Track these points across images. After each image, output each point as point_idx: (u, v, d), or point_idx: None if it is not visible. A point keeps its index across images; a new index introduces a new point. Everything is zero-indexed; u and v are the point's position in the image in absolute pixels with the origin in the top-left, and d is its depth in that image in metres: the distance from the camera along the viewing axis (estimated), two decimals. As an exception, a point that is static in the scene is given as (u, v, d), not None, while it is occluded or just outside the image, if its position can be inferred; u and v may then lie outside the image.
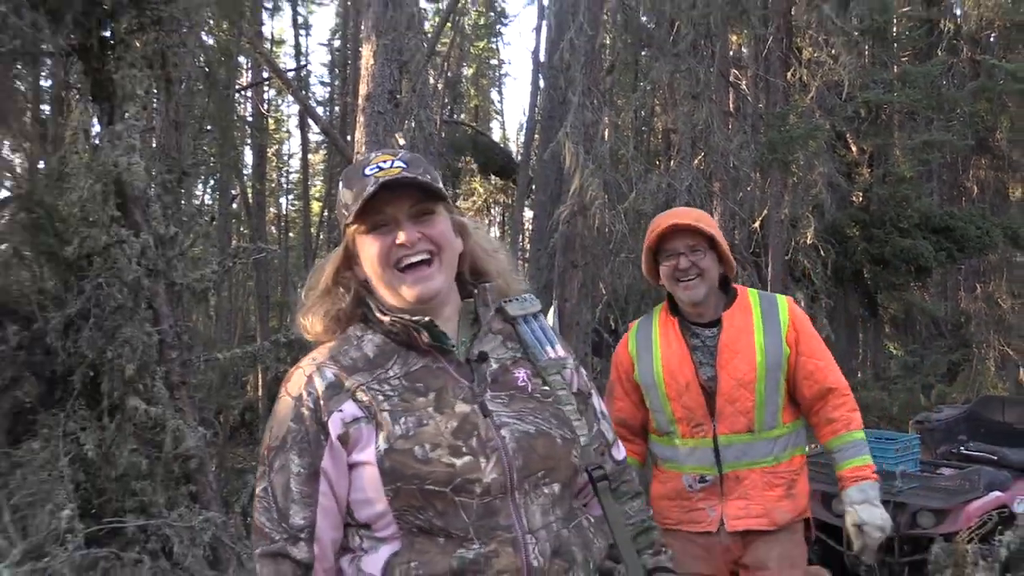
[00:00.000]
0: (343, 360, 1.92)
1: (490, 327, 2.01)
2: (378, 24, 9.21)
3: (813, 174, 14.40)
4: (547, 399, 1.94)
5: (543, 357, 2.00)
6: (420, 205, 1.91)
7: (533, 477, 1.84)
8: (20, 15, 5.25)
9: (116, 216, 5.54)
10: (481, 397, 1.89)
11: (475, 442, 1.82)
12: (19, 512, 5.00)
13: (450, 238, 1.94)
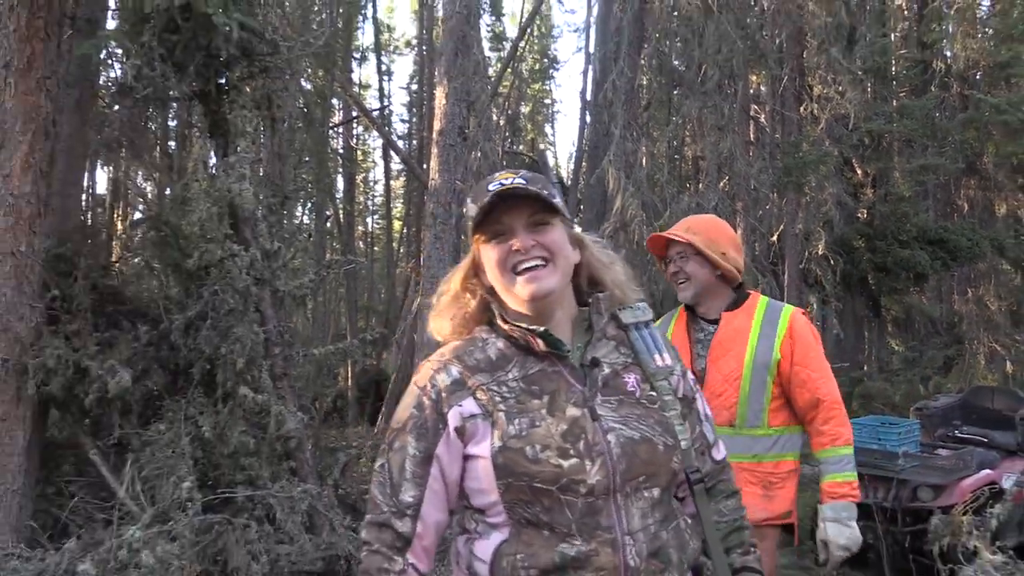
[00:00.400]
0: (468, 360, 1.85)
1: (604, 333, 1.89)
2: (449, 70, 9.25)
3: (823, 194, 14.32)
4: (653, 405, 1.82)
5: (652, 364, 1.87)
6: (536, 216, 1.82)
7: (634, 481, 1.74)
8: (152, 67, 5.32)
9: (229, 234, 5.59)
10: (591, 401, 1.78)
11: (582, 445, 1.72)
12: (148, 483, 5.05)
13: (563, 246, 1.84)
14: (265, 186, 6.49)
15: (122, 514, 5.00)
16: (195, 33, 5.33)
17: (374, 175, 31.73)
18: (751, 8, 11.66)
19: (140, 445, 5.30)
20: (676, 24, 11.12)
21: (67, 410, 5.57)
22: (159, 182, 12.62)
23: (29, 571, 4.33)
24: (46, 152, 5.40)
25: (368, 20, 22.56)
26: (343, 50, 18.31)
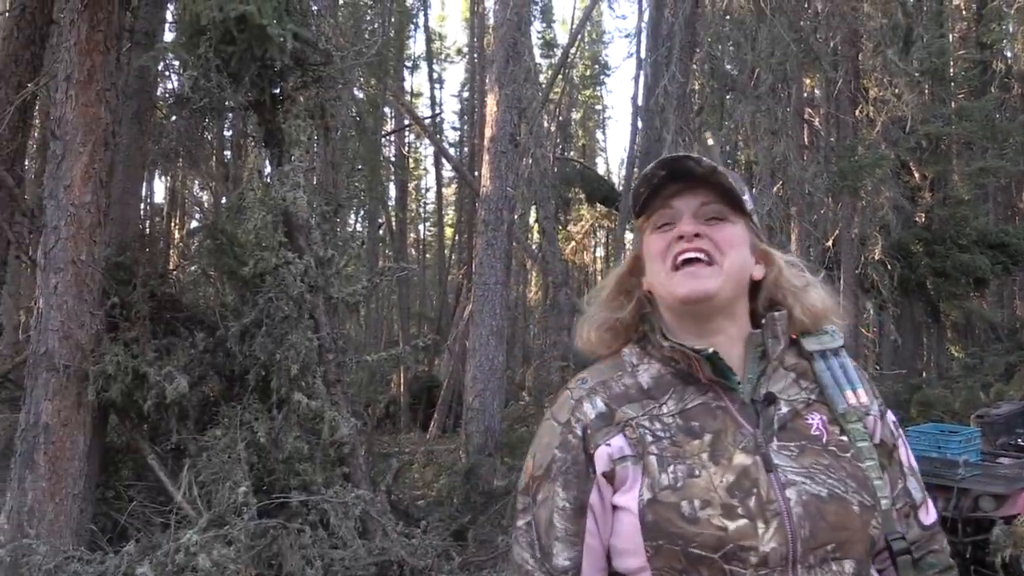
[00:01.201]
0: (615, 387, 1.49)
1: (781, 362, 1.49)
2: (500, 77, 9.27)
3: (880, 198, 14.14)
4: (845, 453, 1.40)
5: (842, 402, 1.45)
6: (712, 206, 1.47)
7: (821, 550, 1.33)
8: (209, 78, 5.37)
9: (284, 241, 5.63)
10: (765, 447, 1.39)
11: (753, 502, 1.33)
12: (205, 487, 5.10)
13: (738, 249, 1.47)
14: (319, 194, 6.54)
15: (179, 518, 5.05)
16: (250, 44, 5.38)
17: (426, 182, 31.92)
18: (804, 10, 11.54)
19: (197, 450, 5.36)
20: (728, 28, 11.03)
21: (126, 415, 5.63)
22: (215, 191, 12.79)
23: (89, 573, 4.39)
24: (106, 162, 5.48)
25: (419, 29, 22.73)
26: (395, 59, 18.43)
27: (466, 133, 25.35)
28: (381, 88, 14.55)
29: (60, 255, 5.25)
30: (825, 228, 15.04)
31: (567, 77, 22.93)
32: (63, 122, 5.36)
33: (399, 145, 24.12)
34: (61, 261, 5.24)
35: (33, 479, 5.07)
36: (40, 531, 4.90)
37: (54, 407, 5.16)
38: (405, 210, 23.84)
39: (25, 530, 4.90)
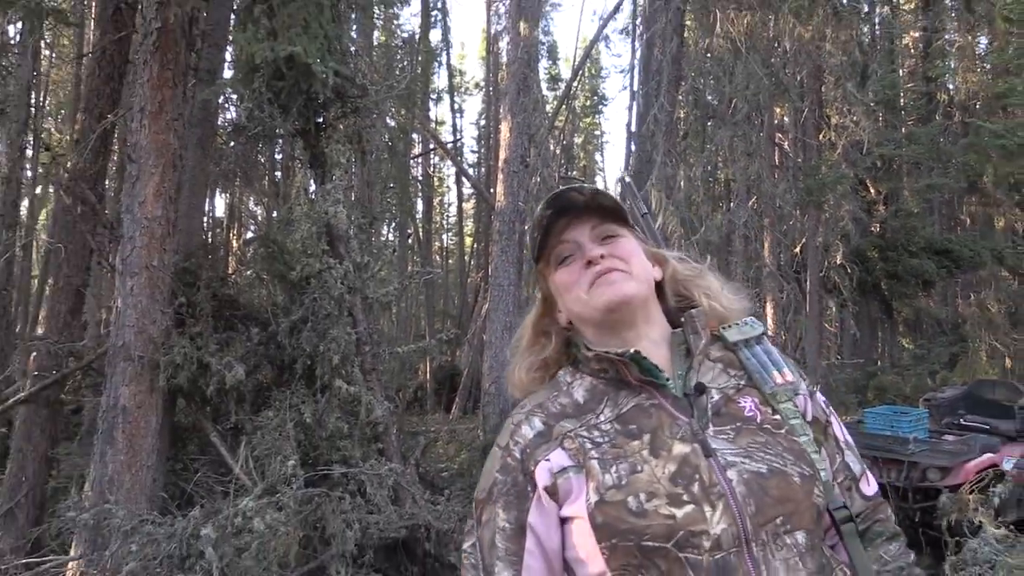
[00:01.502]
0: (551, 407, 1.36)
1: (707, 355, 1.37)
2: (512, 107, 9.27)
3: (841, 211, 14.13)
4: (779, 430, 1.28)
5: (770, 383, 1.33)
6: (600, 227, 1.38)
7: (771, 525, 1.19)
8: (262, 109, 5.39)
9: (326, 249, 5.64)
10: (702, 434, 1.26)
11: (697, 488, 1.20)
12: (259, 461, 5.11)
13: (638, 256, 1.38)
14: (356, 209, 6.55)
15: (237, 487, 5.07)
16: (297, 80, 5.39)
17: (448, 198, 31.91)
18: (775, 49, 11.50)
19: (252, 429, 5.38)
20: (709, 64, 11.00)
21: (192, 399, 5.65)
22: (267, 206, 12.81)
23: (161, 534, 4.41)
24: (174, 182, 5.50)
25: (443, 66, 22.73)
26: (421, 92, 18.43)
27: (483, 156, 25.35)
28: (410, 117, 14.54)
29: (135, 261, 5.28)
30: (793, 237, 15.04)
31: (570, 107, 22.89)
32: (138, 148, 5.39)
33: (425, 166, 24.13)
34: (136, 267, 5.27)
35: (113, 453, 5.10)
36: (119, 498, 4.93)
37: (130, 392, 5.19)
38: (430, 222, 23.86)
39: (106, 497, 4.93)
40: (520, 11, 9.61)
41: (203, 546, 4.26)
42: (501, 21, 18.17)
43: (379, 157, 11.66)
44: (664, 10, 9.80)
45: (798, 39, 10.75)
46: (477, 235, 23.92)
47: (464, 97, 29.80)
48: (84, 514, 4.80)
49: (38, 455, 6.59)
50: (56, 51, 15.37)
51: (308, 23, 5.42)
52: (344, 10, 6.14)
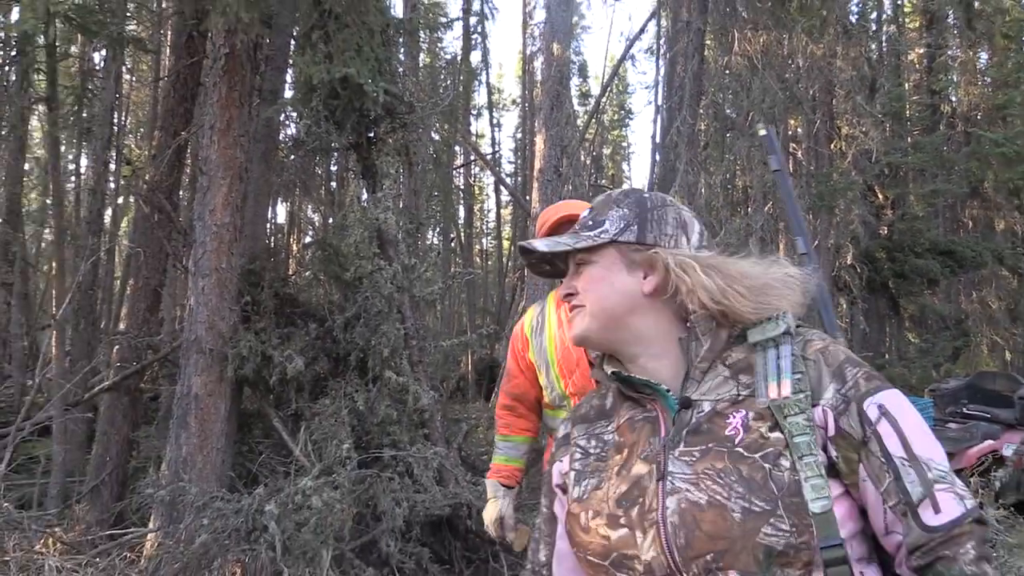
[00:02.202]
0: (582, 409, 1.32)
1: (723, 360, 1.16)
2: (547, 121, 9.25)
3: (851, 215, 13.92)
4: (754, 454, 1.04)
5: (763, 395, 1.08)
6: (576, 257, 1.26)
7: (701, 560, 1.02)
8: (319, 125, 5.41)
9: (377, 252, 5.65)
10: (664, 455, 1.11)
11: (636, 512, 1.09)
12: (317, 444, 5.14)
13: (598, 283, 1.22)
14: (404, 215, 6.56)
15: (297, 468, 5.10)
16: (351, 99, 5.41)
17: (488, 205, 31.91)
18: (789, 65, 11.34)
19: (311, 415, 5.41)
20: (728, 80, 10.88)
21: (256, 388, 5.69)
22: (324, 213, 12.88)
23: (229, 510, 4.45)
24: (240, 192, 5.55)
25: (482, 84, 22.70)
26: (463, 108, 18.46)
27: (519, 166, 25.32)
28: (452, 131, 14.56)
29: (206, 264, 5.32)
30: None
31: (599, 121, 22.80)
32: (208, 161, 5.44)
33: (466, 176, 24.15)
34: (207, 269, 5.32)
35: (186, 437, 5.16)
36: (192, 476, 4.98)
37: (202, 381, 5.24)
38: (471, 227, 23.87)
39: (180, 476, 4.99)
40: (553, 33, 9.58)
41: (267, 521, 4.28)
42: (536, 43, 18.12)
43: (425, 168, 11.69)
44: (686, 31, 9.71)
45: (811, 56, 10.60)
46: (514, 239, 23.88)
47: (502, 112, 29.81)
48: (161, 491, 4.86)
49: (120, 438, 6.69)
50: (136, 75, 15.61)
51: (360, 47, 5.44)
52: (393, 35, 6.15)
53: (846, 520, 1.04)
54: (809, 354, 1.12)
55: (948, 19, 17.18)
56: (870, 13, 16.40)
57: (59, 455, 6.53)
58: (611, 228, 1.24)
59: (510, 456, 2.84)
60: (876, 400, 1.07)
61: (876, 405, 1.06)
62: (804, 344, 1.13)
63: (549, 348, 2.66)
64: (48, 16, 5.26)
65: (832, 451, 1.06)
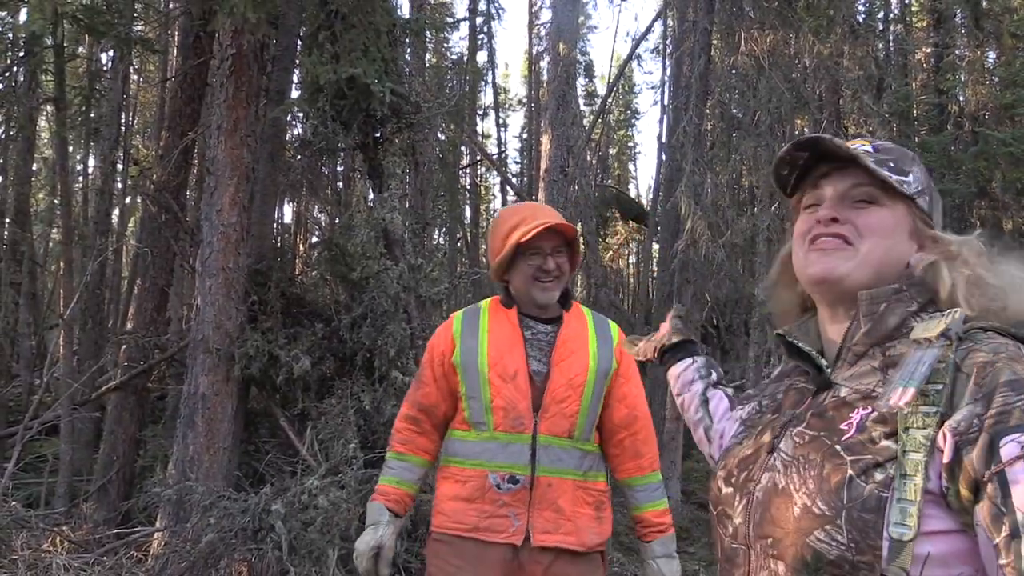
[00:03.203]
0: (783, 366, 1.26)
1: (874, 348, 1.05)
2: (553, 121, 9.24)
3: (857, 216, 13.92)
4: (847, 455, 0.96)
5: (883, 400, 0.93)
6: (860, 189, 1.09)
7: (762, 541, 1.02)
8: (326, 126, 5.41)
9: (383, 252, 5.65)
10: (782, 431, 1.09)
11: (743, 477, 1.10)
12: (323, 444, 5.14)
13: (883, 234, 1.07)
14: (410, 215, 6.55)
15: (304, 467, 5.11)
16: (358, 99, 5.41)
17: (494, 205, 31.89)
18: (796, 65, 11.32)
19: (317, 415, 5.41)
20: (734, 80, 10.87)
21: (263, 387, 5.70)
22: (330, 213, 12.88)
23: (236, 509, 4.46)
24: (247, 192, 5.56)
25: (488, 84, 22.66)
26: (469, 108, 18.46)
27: (525, 166, 25.30)
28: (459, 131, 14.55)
29: (213, 264, 5.34)
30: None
31: (605, 121, 22.79)
32: (215, 162, 5.45)
33: (473, 176, 24.16)
34: (214, 268, 5.33)
35: (193, 436, 5.17)
36: (199, 476, 4.99)
37: (209, 380, 5.25)
38: (478, 227, 23.82)
39: (187, 475, 5.00)
40: (559, 33, 9.57)
41: (273, 520, 4.29)
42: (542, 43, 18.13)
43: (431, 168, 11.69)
44: (692, 30, 9.70)
45: (817, 56, 10.57)
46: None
47: (508, 113, 29.82)
48: (168, 490, 4.88)
49: (127, 437, 6.71)
50: (143, 76, 15.65)
51: (367, 47, 5.45)
52: (399, 35, 6.15)
53: (954, 561, 0.90)
54: (965, 366, 0.94)
55: (956, 18, 17.15)
56: (877, 12, 16.39)
57: (66, 454, 6.55)
58: (915, 184, 1.11)
59: (403, 479, 2.52)
60: (1009, 440, 0.86)
61: (1020, 444, 0.85)
62: (968, 352, 0.95)
63: (481, 353, 2.36)
64: (56, 17, 5.28)
65: (944, 481, 0.90)
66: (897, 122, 15.54)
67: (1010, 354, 0.93)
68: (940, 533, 0.90)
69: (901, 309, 1.05)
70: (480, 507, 2.29)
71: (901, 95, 14.51)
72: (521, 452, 2.28)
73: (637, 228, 23.40)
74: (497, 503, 2.28)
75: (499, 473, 2.28)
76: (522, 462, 2.28)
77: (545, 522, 2.27)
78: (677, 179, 10.06)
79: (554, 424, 2.29)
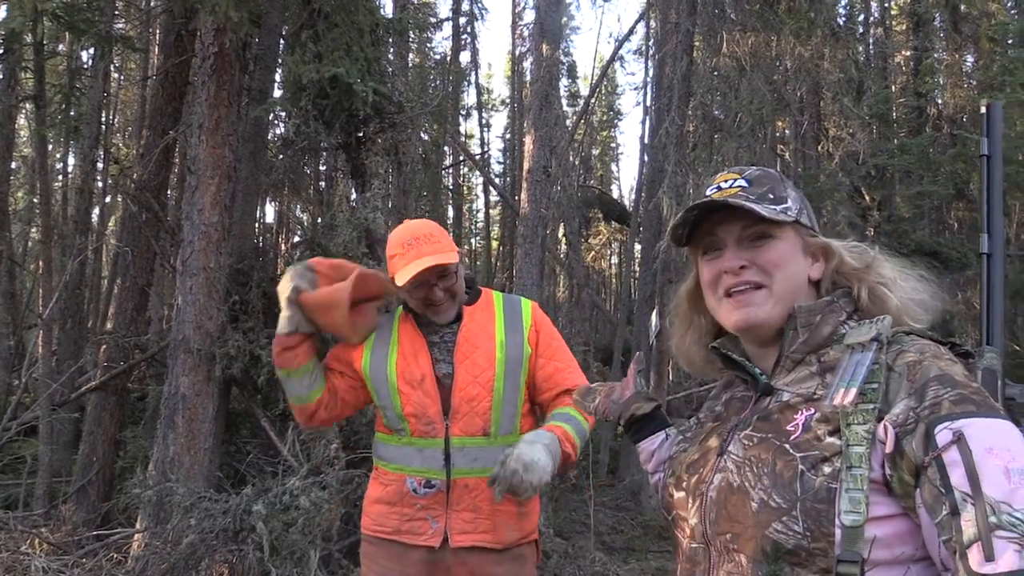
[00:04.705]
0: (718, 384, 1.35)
1: (819, 356, 1.14)
2: (536, 122, 9.24)
3: (838, 216, 14.01)
4: (797, 452, 1.05)
5: (828, 401, 1.04)
6: (753, 228, 1.18)
7: (722, 537, 1.10)
8: (308, 125, 5.41)
9: (365, 252, 5.63)
10: (730, 435, 1.17)
11: (694, 480, 1.17)
12: (305, 444, 5.13)
13: (786, 263, 1.17)
14: (393, 215, 6.55)
15: (285, 467, 5.08)
16: (340, 99, 5.40)
17: (476, 205, 31.90)
18: (777, 67, 11.40)
19: (301, 416, 5.38)
20: (716, 81, 10.93)
21: (244, 388, 5.68)
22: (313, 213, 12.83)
23: (217, 510, 4.44)
24: (229, 191, 5.53)
25: (471, 85, 22.66)
26: (452, 108, 18.46)
27: (508, 166, 25.32)
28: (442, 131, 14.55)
29: (194, 263, 5.31)
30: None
31: (588, 121, 22.85)
32: (197, 161, 5.42)
33: (455, 176, 24.16)
34: (195, 268, 5.30)
35: (174, 436, 5.14)
36: (179, 476, 4.96)
37: (190, 381, 5.22)
38: (460, 227, 23.87)
39: (168, 476, 4.97)
40: (542, 34, 9.58)
41: (254, 521, 4.28)
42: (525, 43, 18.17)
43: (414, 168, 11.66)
44: (674, 32, 9.75)
45: (798, 58, 10.65)
46: (503, 239, 23.88)
47: (491, 113, 29.79)
48: (148, 491, 4.85)
49: (107, 438, 6.66)
50: (124, 74, 15.52)
51: (350, 47, 5.43)
52: (382, 35, 6.14)
53: (896, 543, 0.99)
54: (897, 365, 1.05)
55: (935, 22, 17.35)
56: (857, 16, 16.55)
57: (45, 455, 6.49)
58: (794, 207, 1.20)
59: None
60: (956, 426, 0.95)
61: (952, 431, 0.95)
62: (897, 354, 1.07)
63: (390, 362, 2.34)
64: (36, 14, 5.23)
65: (888, 469, 0.99)
66: (877, 124, 15.68)
67: (933, 353, 1.07)
68: (885, 518, 0.99)
69: (833, 319, 1.16)
70: (400, 510, 2.31)
71: (881, 97, 14.64)
72: (434, 456, 2.28)
73: (619, 228, 23.48)
74: (416, 506, 2.30)
75: (415, 478, 2.29)
76: (436, 466, 2.28)
77: (463, 523, 2.27)
78: (659, 180, 10.11)
79: (468, 424, 2.28)
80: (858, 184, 15.61)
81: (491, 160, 26.87)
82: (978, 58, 18.13)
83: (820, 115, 14.88)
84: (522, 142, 14.57)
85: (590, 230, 24.55)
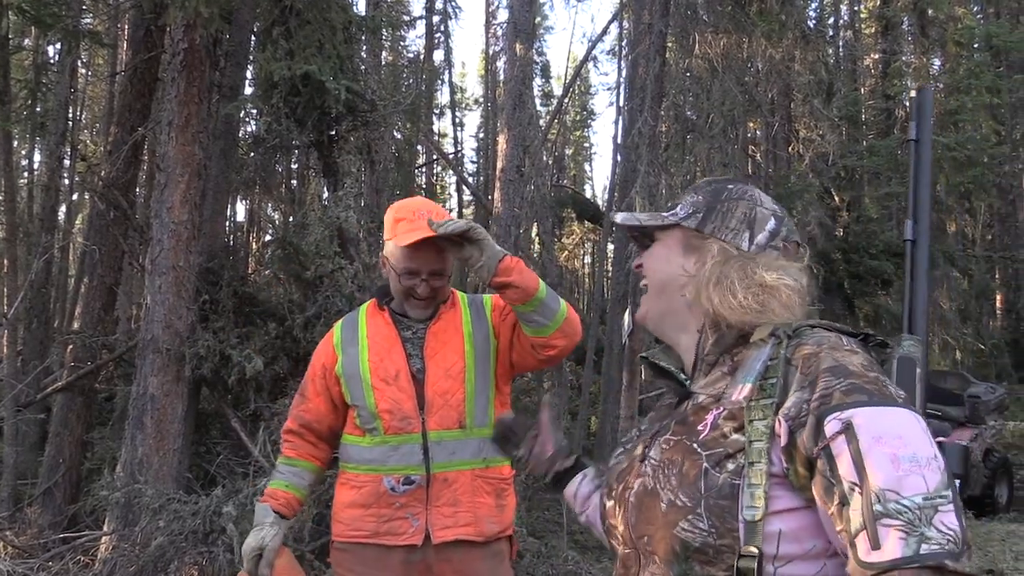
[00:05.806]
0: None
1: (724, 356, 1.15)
2: (509, 121, 9.26)
3: (808, 216, 14.15)
4: (701, 451, 1.05)
5: (728, 397, 1.08)
6: (642, 239, 1.31)
7: (642, 540, 1.10)
8: (279, 123, 5.38)
9: (338, 251, 5.61)
10: (651, 440, 1.17)
11: (620, 488, 1.18)
12: (276, 445, 5.07)
13: (661, 264, 1.23)
14: (365, 214, 6.52)
15: (256, 468, 5.05)
16: (312, 96, 5.38)
17: (450, 205, 31.84)
18: (748, 69, 11.51)
19: (270, 415, 5.36)
20: (688, 82, 11.02)
21: (214, 388, 5.65)
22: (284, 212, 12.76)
23: (186, 512, 4.40)
24: (199, 190, 5.49)
25: (445, 84, 22.64)
26: (425, 107, 18.43)
27: (481, 166, 25.34)
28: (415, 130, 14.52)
29: (163, 262, 5.26)
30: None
31: (562, 121, 22.91)
32: (166, 158, 5.38)
33: (429, 175, 24.10)
34: (164, 267, 5.26)
35: (142, 437, 5.09)
36: (148, 478, 4.91)
37: (158, 381, 5.18)
38: (434, 226, 23.84)
39: (136, 477, 4.92)
40: (516, 33, 9.59)
41: (224, 523, 4.24)
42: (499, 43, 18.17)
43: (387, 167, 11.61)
44: (648, 33, 9.80)
45: (769, 60, 10.76)
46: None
47: (465, 112, 29.78)
48: (116, 493, 4.80)
49: (74, 439, 6.58)
50: (92, 69, 15.31)
51: (322, 44, 5.41)
52: (355, 32, 6.12)
53: (805, 536, 0.99)
54: (795, 359, 1.05)
55: (903, 26, 17.59)
56: (828, 19, 16.77)
57: (11, 457, 6.40)
58: (680, 212, 1.26)
59: (291, 483, 2.44)
60: (845, 416, 0.95)
61: (841, 421, 0.95)
62: (796, 347, 1.07)
63: (363, 359, 2.33)
64: (1, 8, 5.15)
65: (784, 463, 0.99)
66: (846, 126, 15.88)
67: (831, 344, 1.05)
68: (788, 511, 0.99)
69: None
70: (377, 511, 2.27)
71: (850, 99, 14.86)
72: (412, 452, 2.26)
73: (592, 228, 23.55)
74: (394, 505, 2.26)
75: (393, 476, 2.26)
76: (415, 462, 2.26)
77: (444, 518, 2.25)
78: (632, 180, 10.15)
79: (443, 418, 2.27)
80: (828, 185, 15.81)
81: (464, 159, 26.86)
82: (945, 61, 18.43)
83: (791, 116, 15.04)
84: (495, 141, 14.58)
85: (563, 230, 24.61)
